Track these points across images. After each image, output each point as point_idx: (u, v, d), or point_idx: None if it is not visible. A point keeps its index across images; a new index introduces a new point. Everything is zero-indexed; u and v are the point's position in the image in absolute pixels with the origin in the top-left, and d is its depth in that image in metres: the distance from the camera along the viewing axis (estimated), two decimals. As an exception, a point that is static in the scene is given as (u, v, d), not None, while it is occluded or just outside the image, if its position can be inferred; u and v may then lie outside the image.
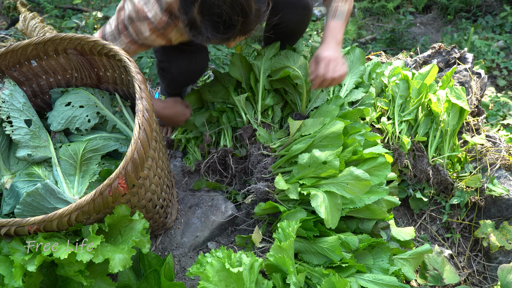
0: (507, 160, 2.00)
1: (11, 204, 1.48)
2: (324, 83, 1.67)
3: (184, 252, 1.75)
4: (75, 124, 1.66)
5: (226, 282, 1.28)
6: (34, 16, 2.93)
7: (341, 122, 1.62)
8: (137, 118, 1.32)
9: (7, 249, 1.25)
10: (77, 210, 1.22)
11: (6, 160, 1.56)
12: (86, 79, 1.76)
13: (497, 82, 4.03)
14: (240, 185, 1.92)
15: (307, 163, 1.58)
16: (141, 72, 1.45)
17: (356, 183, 1.52)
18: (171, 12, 1.52)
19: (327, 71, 1.64)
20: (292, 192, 1.56)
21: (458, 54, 2.36)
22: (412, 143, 1.94)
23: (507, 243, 1.77)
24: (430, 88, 2.03)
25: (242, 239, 1.71)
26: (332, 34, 1.70)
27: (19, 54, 1.59)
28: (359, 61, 2.02)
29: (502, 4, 5.20)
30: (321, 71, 1.64)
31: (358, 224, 1.61)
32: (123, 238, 1.32)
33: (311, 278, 1.44)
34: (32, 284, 1.26)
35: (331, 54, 1.65)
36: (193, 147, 2.04)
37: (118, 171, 1.24)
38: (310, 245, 1.52)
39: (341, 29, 1.70)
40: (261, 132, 1.85)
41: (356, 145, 1.62)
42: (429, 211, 1.97)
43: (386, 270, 1.49)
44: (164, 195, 1.60)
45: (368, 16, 5.59)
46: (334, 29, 1.70)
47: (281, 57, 1.93)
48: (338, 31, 1.69)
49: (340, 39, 1.69)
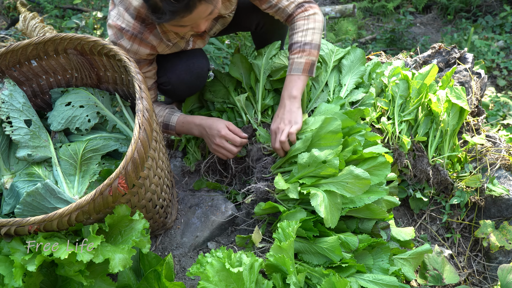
0: (507, 160, 2.00)
1: (11, 204, 1.48)
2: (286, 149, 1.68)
3: (184, 252, 1.75)
4: (75, 124, 1.66)
5: (226, 282, 1.28)
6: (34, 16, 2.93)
7: (338, 120, 1.62)
8: (137, 118, 1.32)
9: (7, 249, 1.25)
10: (77, 210, 1.22)
11: (6, 160, 1.56)
12: (86, 79, 1.76)
13: (497, 82, 4.03)
14: (240, 185, 1.92)
15: (306, 162, 1.57)
16: (141, 72, 1.46)
17: (356, 182, 1.52)
18: (142, 18, 1.59)
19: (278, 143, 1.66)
20: (292, 192, 1.56)
21: (458, 54, 2.36)
22: (412, 143, 1.94)
23: (507, 243, 1.77)
24: (430, 88, 2.03)
25: (242, 239, 1.71)
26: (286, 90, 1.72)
27: (19, 54, 1.59)
28: (360, 62, 2.02)
29: (502, 4, 5.20)
30: (276, 145, 1.67)
31: (358, 224, 1.61)
32: (123, 238, 1.32)
33: (311, 278, 1.44)
34: (32, 284, 1.26)
35: (277, 124, 1.68)
36: (193, 147, 2.04)
37: (118, 171, 1.25)
38: (310, 245, 1.52)
39: (296, 82, 1.71)
40: (261, 132, 1.85)
41: (356, 144, 1.62)
42: (429, 211, 1.97)
43: (386, 270, 1.49)
44: (164, 195, 1.60)
45: (368, 16, 5.59)
46: (289, 84, 1.72)
47: (282, 56, 1.93)
48: (292, 85, 1.71)
49: (295, 94, 1.70)
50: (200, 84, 1.92)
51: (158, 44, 1.68)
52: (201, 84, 1.93)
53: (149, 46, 1.66)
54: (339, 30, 4.89)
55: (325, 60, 2.00)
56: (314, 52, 1.72)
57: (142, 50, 1.66)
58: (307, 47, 1.71)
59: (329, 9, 5.10)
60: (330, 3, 5.82)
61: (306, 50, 1.71)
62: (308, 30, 1.72)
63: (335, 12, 5.07)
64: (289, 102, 1.70)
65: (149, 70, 1.77)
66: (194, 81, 1.87)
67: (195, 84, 1.89)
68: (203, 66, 1.86)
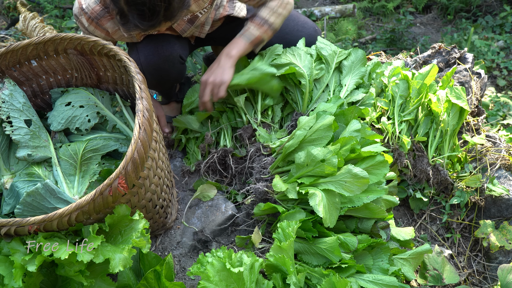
0: (507, 160, 2.00)
1: (11, 204, 1.48)
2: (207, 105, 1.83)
3: (184, 252, 1.75)
4: (75, 124, 1.66)
5: (227, 282, 1.28)
6: (34, 16, 2.93)
7: (331, 116, 1.62)
8: (137, 118, 1.32)
9: (7, 249, 1.25)
10: (77, 210, 1.22)
11: (6, 160, 1.56)
12: (86, 79, 1.76)
13: (497, 82, 4.03)
14: (240, 185, 1.92)
15: (304, 162, 1.57)
16: (141, 72, 1.46)
17: (354, 181, 1.52)
18: (107, 4, 1.65)
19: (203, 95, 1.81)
20: (290, 192, 1.56)
21: (458, 54, 2.36)
22: (412, 143, 1.94)
23: (507, 243, 1.77)
24: (430, 88, 2.03)
25: (242, 240, 1.71)
26: (228, 47, 1.81)
27: (19, 54, 1.59)
28: (360, 63, 2.02)
29: (502, 4, 5.20)
30: (202, 99, 1.82)
31: (358, 224, 1.61)
32: (123, 238, 1.32)
33: (311, 278, 1.44)
34: (32, 284, 1.26)
35: (207, 77, 1.80)
36: (193, 147, 2.04)
37: (118, 171, 1.25)
38: (309, 246, 1.52)
39: (240, 46, 1.81)
40: (261, 132, 1.85)
41: (354, 143, 1.61)
42: (429, 211, 1.97)
43: (386, 271, 1.49)
44: (164, 195, 1.60)
45: (368, 16, 5.59)
46: (232, 44, 1.81)
47: (288, 54, 1.93)
48: (235, 46, 1.80)
49: (233, 53, 1.79)
50: (169, 68, 1.88)
51: (114, 32, 1.72)
52: (171, 69, 1.89)
53: (104, 31, 1.72)
54: (339, 30, 4.89)
55: (327, 61, 2.00)
56: (269, 33, 1.83)
57: (97, 33, 1.73)
58: (266, 26, 1.81)
59: (329, 9, 5.10)
60: (330, 3, 5.82)
61: (264, 27, 1.80)
62: (276, 13, 1.81)
63: (335, 12, 5.07)
64: (224, 59, 1.79)
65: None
66: (161, 64, 1.86)
67: (163, 68, 1.88)
68: (172, 50, 1.85)
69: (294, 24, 2.08)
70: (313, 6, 5.68)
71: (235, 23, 2.07)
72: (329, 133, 1.61)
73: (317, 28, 2.13)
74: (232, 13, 2.03)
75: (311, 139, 1.63)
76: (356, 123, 1.67)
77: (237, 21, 2.08)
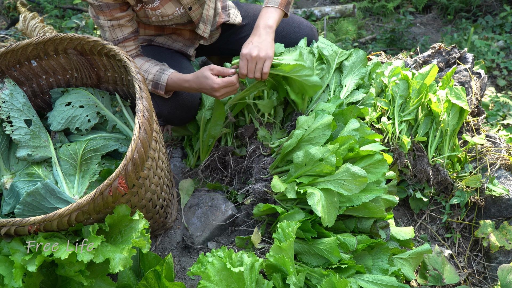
0: (507, 160, 2.00)
1: (11, 204, 1.48)
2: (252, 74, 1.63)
3: (184, 252, 1.75)
4: (75, 124, 1.66)
5: (227, 282, 1.28)
6: (34, 16, 2.93)
7: (329, 115, 1.62)
8: (137, 118, 1.32)
9: (7, 249, 1.25)
10: (77, 210, 1.22)
11: (6, 160, 1.56)
12: (86, 79, 1.76)
13: (497, 82, 4.03)
14: (240, 184, 1.92)
15: (302, 161, 1.57)
16: (141, 72, 1.46)
17: (352, 180, 1.51)
18: None
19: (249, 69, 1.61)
20: (289, 192, 1.56)
21: (458, 54, 2.36)
22: (412, 143, 1.94)
23: (507, 243, 1.77)
24: (430, 88, 2.03)
25: (241, 240, 1.71)
26: (263, 19, 1.68)
27: (19, 54, 1.59)
28: (361, 63, 2.02)
29: (502, 4, 5.20)
30: (244, 72, 1.63)
31: (357, 224, 1.60)
32: (124, 238, 1.32)
33: (311, 278, 1.44)
34: (32, 284, 1.26)
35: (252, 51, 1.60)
36: (193, 147, 2.04)
37: (118, 171, 1.25)
38: (309, 246, 1.52)
39: (272, 13, 1.67)
40: (263, 132, 1.85)
41: (352, 142, 1.60)
42: (429, 211, 1.97)
43: (386, 271, 1.49)
44: (164, 195, 1.60)
45: (368, 16, 5.59)
46: (265, 14, 1.68)
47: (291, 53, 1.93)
48: (269, 16, 1.67)
49: (271, 24, 1.66)
50: (192, 115, 1.90)
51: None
52: (194, 115, 1.91)
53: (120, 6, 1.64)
54: (339, 30, 4.88)
55: (328, 61, 2.00)
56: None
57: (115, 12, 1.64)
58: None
59: (329, 9, 5.10)
60: (330, 3, 5.81)
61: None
62: None
63: (335, 12, 5.06)
64: (264, 32, 1.64)
65: (122, 16, 1.69)
66: (185, 115, 1.87)
67: (186, 117, 1.89)
68: (193, 99, 1.85)
69: (290, 26, 2.07)
70: (313, 6, 5.68)
71: (231, 30, 2.08)
72: (328, 132, 1.61)
73: (312, 27, 2.12)
74: (228, 20, 2.05)
75: (309, 138, 1.63)
76: (354, 122, 1.67)
77: (233, 28, 2.09)
